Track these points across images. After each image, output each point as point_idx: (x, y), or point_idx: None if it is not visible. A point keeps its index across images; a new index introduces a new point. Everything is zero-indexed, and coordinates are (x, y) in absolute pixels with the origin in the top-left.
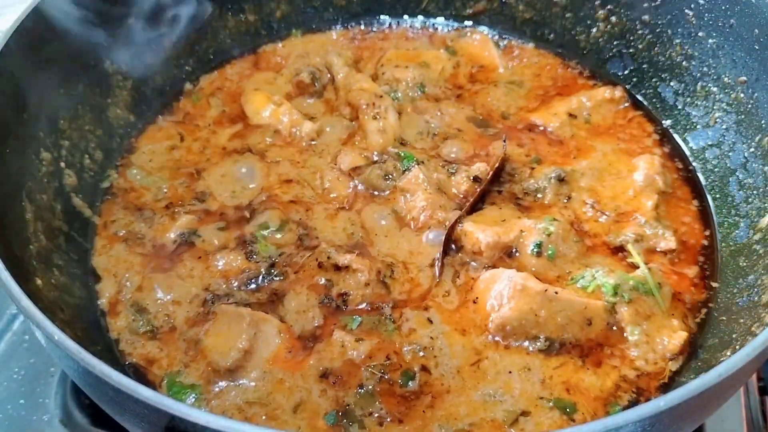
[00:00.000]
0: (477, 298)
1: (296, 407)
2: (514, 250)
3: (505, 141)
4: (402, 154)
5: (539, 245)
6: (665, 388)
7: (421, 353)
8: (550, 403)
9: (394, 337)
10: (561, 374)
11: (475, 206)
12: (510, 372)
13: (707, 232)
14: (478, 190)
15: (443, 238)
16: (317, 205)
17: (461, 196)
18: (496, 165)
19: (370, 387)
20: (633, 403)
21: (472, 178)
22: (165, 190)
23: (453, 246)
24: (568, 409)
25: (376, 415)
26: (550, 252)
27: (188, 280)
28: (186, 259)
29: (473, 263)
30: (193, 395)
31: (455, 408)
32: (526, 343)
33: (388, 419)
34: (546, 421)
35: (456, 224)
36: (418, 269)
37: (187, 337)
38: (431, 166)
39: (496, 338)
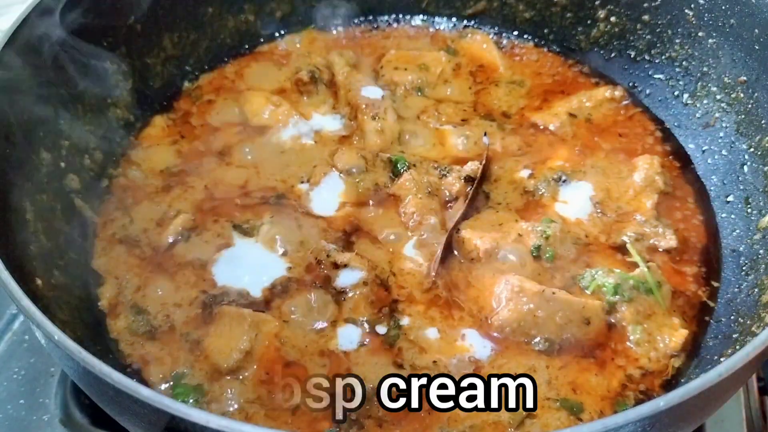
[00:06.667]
0: (476, 301)
1: (296, 407)
2: (512, 254)
3: (486, 135)
4: (393, 159)
5: (537, 248)
6: (668, 385)
7: (421, 357)
8: (557, 404)
9: (393, 338)
10: (566, 374)
11: (469, 207)
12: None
13: (708, 232)
14: (470, 190)
15: (441, 241)
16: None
17: (453, 197)
18: (482, 164)
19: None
20: (639, 402)
21: (463, 178)
22: (164, 190)
23: (454, 252)
24: (575, 409)
25: (375, 417)
26: (548, 255)
27: (188, 281)
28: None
29: (472, 268)
30: (194, 396)
31: (457, 410)
32: (530, 344)
33: (387, 420)
34: (553, 422)
35: (453, 230)
36: (416, 272)
37: (188, 337)
38: (423, 169)
39: (498, 340)
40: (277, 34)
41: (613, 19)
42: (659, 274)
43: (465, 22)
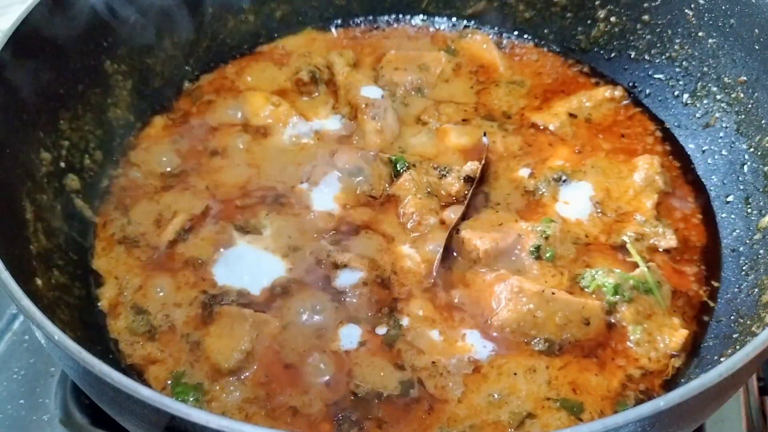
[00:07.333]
0: (476, 301)
1: (296, 408)
2: (512, 254)
3: (485, 135)
4: (392, 159)
5: (537, 248)
6: (668, 385)
7: (421, 357)
8: (557, 404)
9: (393, 338)
10: (567, 374)
11: (469, 207)
12: (515, 374)
13: (708, 232)
14: (469, 191)
15: (440, 241)
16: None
17: (453, 197)
18: (482, 164)
19: (367, 395)
20: (640, 402)
21: (463, 178)
22: (164, 190)
23: (454, 252)
24: (575, 409)
25: (375, 417)
26: (548, 255)
27: (188, 281)
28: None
29: (472, 268)
30: (195, 395)
31: (456, 411)
32: (530, 344)
33: (387, 421)
34: (553, 422)
35: (453, 231)
36: (416, 272)
37: (188, 338)
38: (422, 169)
39: (498, 340)
40: (276, 34)
41: (613, 19)
42: (659, 274)
43: (465, 22)
